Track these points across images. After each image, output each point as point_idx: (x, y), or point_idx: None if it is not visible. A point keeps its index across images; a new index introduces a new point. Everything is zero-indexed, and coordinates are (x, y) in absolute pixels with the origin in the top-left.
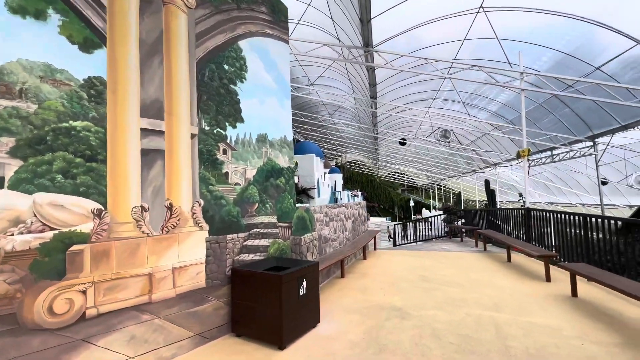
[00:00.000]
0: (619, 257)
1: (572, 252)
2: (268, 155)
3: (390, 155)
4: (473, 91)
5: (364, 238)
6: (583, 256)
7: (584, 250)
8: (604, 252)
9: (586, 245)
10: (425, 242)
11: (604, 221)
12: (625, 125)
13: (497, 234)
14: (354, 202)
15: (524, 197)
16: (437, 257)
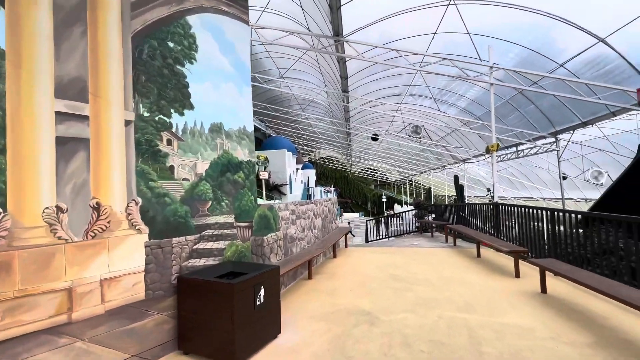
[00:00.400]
0: (579, 249)
1: (539, 246)
2: (224, 148)
3: (363, 151)
4: (443, 87)
5: (334, 236)
6: (550, 249)
7: (550, 244)
8: (568, 245)
9: (553, 239)
10: (397, 238)
11: (570, 215)
12: (585, 122)
13: (468, 230)
14: (324, 198)
15: (492, 192)
16: (408, 254)
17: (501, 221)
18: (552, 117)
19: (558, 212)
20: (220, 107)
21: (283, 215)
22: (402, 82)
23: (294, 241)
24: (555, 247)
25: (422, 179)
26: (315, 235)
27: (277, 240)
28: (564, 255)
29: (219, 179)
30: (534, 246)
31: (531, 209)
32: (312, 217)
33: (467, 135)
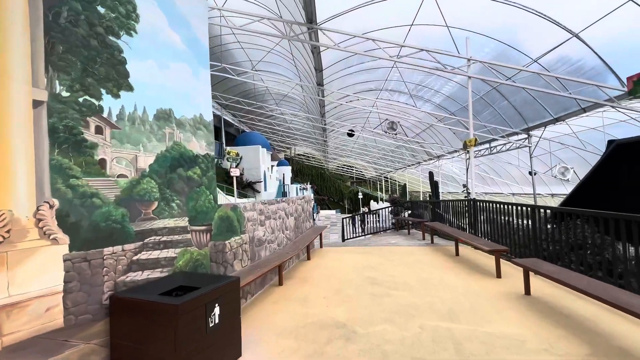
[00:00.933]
0: (554, 245)
1: (518, 244)
2: (174, 139)
3: (340, 148)
4: (419, 82)
5: (308, 236)
6: (527, 246)
7: (529, 241)
8: (543, 242)
9: (534, 236)
10: (374, 236)
11: (545, 211)
12: (557, 118)
13: (445, 227)
14: (297, 196)
15: (468, 188)
16: (385, 254)
17: (478, 218)
18: (524, 113)
19: (539, 209)
20: (169, 91)
21: (250, 216)
22: (378, 76)
23: (263, 244)
24: (535, 244)
25: (398, 175)
26: (287, 236)
27: (242, 244)
28: (540, 251)
29: (168, 175)
30: (513, 243)
31: (509, 205)
32: (284, 217)
33: (442, 132)
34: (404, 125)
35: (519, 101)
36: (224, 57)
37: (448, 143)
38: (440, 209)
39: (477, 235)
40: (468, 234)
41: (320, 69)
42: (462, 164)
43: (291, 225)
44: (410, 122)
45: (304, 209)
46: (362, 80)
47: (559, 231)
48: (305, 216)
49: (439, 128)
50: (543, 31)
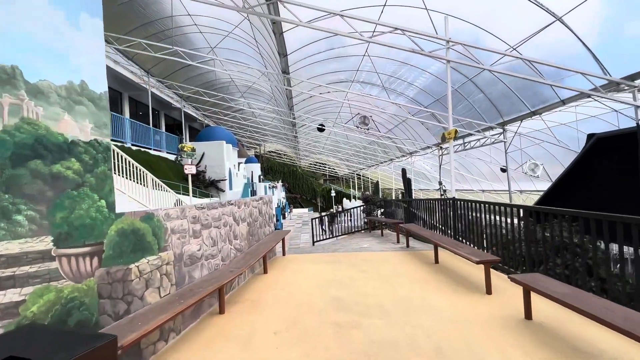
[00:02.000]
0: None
1: (509, 251)
2: (23, 113)
3: (311, 144)
4: (392, 73)
5: (265, 245)
6: (521, 252)
7: (523, 247)
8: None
9: (527, 241)
10: (346, 237)
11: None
12: (534, 112)
13: (422, 230)
14: (252, 197)
15: (444, 185)
16: (356, 262)
17: (459, 219)
18: (500, 106)
19: (533, 210)
20: (10, 37)
21: (176, 227)
22: (349, 66)
23: (198, 261)
24: (529, 251)
25: (370, 173)
26: (237, 247)
27: (161, 265)
28: (528, 256)
29: (6, 171)
30: (499, 247)
31: (493, 206)
32: (232, 224)
33: (415, 127)
34: (376, 120)
35: (495, 94)
36: (181, 43)
37: (421, 139)
38: (415, 208)
39: (458, 239)
40: (449, 239)
41: (284, 53)
42: (434, 161)
43: (243, 233)
44: (383, 117)
45: (262, 212)
46: (332, 70)
47: (542, 232)
48: (263, 220)
49: (412, 123)
50: (523, 16)
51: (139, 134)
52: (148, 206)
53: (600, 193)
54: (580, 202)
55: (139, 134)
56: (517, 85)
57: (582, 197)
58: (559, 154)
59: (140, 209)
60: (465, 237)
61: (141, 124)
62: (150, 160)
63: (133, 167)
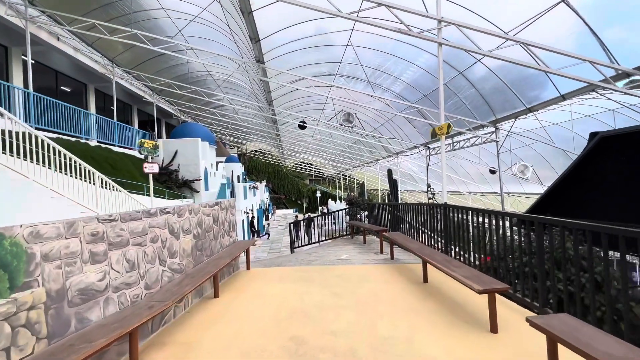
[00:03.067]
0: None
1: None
2: None
3: (295, 144)
4: (377, 66)
5: (218, 261)
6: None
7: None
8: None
9: (540, 259)
10: (327, 243)
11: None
12: (530, 108)
13: (410, 242)
14: (206, 203)
15: (433, 188)
16: (331, 280)
17: (452, 229)
18: (493, 103)
19: (549, 223)
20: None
21: (56, 250)
22: (331, 57)
23: (99, 296)
24: (553, 275)
25: (356, 173)
26: (174, 268)
27: (14, 313)
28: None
29: None
30: (498, 260)
31: (493, 215)
32: (168, 238)
33: (402, 126)
34: (361, 119)
35: (487, 89)
36: (148, 29)
37: (408, 138)
38: (401, 212)
39: (450, 250)
40: (440, 256)
41: (256, 37)
42: (421, 162)
43: (185, 249)
44: (368, 115)
45: (218, 220)
46: (313, 61)
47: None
48: (220, 230)
49: (399, 122)
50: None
51: (107, 130)
52: (96, 210)
53: (603, 197)
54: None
55: (107, 130)
56: (512, 78)
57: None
58: (549, 155)
59: (86, 214)
60: (460, 248)
61: (109, 120)
62: (112, 157)
63: (76, 164)
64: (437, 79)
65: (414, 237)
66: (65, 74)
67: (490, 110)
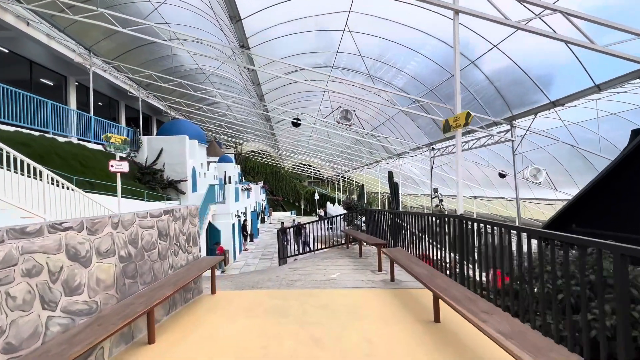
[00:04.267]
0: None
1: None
2: None
3: (293, 144)
4: (377, 56)
5: (151, 294)
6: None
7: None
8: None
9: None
10: (319, 254)
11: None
12: (555, 102)
13: (415, 265)
14: (148, 211)
15: (440, 194)
16: (313, 313)
17: (469, 248)
18: (509, 97)
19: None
20: None
21: None
22: (327, 44)
23: None
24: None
25: (356, 175)
26: (78, 310)
27: None
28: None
29: None
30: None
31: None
32: (67, 267)
33: (404, 126)
34: (360, 117)
35: (503, 81)
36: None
37: (410, 138)
38: (406, 221)
39: (467, 282)
40: (458, 288)
41: (236, 16)
42: (424, 164)
43: (101, 280)
44: (368, 114)
45: (168, 235)
46: (305, 50)
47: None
48: (169, 247)
49: (401, 121)
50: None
51: (84, 126)
52: (43, 217)
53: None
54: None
55: (84, 126)
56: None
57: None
58: (564, 158)
59: (28, 219)
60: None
61: (85, 114)
62: (84, 155)
63: (17, 161)
64: (444, 71)
65: (418, 248)
66: (41, 65)
67: (505, 106)
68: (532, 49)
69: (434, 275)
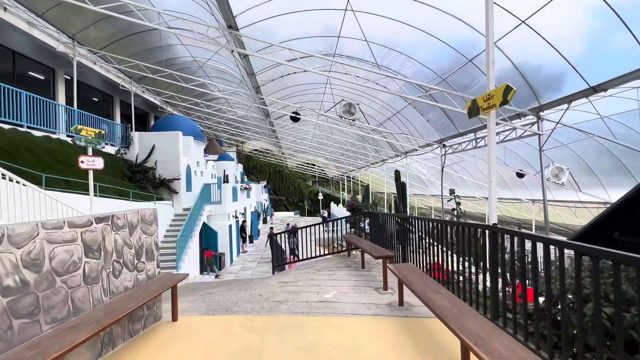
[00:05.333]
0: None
1: None
2: None
3: (296, 142)
4: (384, 42)
5: (73, 332)
6: None
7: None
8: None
9: None
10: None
11: None
12: (596, 87)
13: (437, 298)
14: (72, 219)
15: (457, 196)
16: (295, 357)
17: (504, 269)
18: (537, 84)
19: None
20: None
21: None
22: (328, 29)
23: None
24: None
25: (361, 175)
26: None
27: None
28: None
29: None
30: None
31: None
32: None
33: (412, 121)
34: (365, 112)
35: (529, 66)
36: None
37: (419, 134)
38: (415, 227)
39: (502, 321)
40: (499, 336)
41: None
42: (433, 162)
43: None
44: (373, 108)
45: (104, 250)
46: (304, 35)
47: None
48: (106, 266)
49: (409, 115)
50: None
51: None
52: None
53: None
54: None
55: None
56: (566, 46)
57: None
58: (590, 157)
59: None
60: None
61: (69, 108)
62: (63, 150)
63: None
64: (459, 56)
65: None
66: (25, 56)
67: (532, 94)
68: (566, 25)
69: (461, 310)
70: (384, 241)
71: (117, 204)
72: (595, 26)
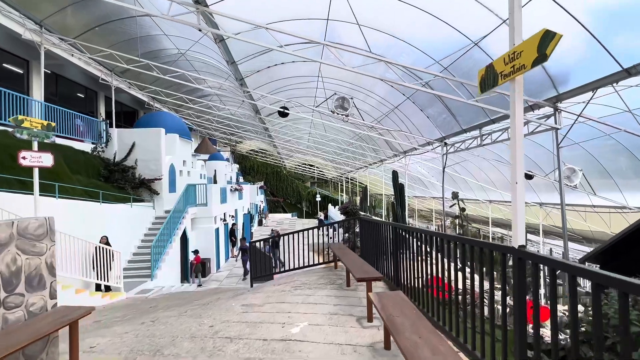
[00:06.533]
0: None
1: None
2: None
3: (291, 141)
4: (378, 26)
5: None
6: None
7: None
8: None
9: None
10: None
11: None
12: (629, 70)
13: (439, 345)
14: None
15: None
16: None
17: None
18: (554, 70)
19: None
20: None
21: None
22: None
23: None
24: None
25: (359, 176)
26: None
27: None
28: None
29: None
30: None
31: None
32: None
33: (410, 117)
34: (360, 108)
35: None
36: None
37: (418, 132)
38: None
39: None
40: None
41: None
42: (434, 163)
43: None
44: (369, 103)
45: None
46: (286, 17)
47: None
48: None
49: (407, 111)
50: None
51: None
52: None
53: None
54: None
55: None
56: (597, 21)
57: None
58: (605, 157)
59: None
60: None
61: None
62: (23, 147)
63: None
64: (466, 37)
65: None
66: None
67: (549, 81)
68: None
69: None
70: (373, 254)
71: (79, 206)
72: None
